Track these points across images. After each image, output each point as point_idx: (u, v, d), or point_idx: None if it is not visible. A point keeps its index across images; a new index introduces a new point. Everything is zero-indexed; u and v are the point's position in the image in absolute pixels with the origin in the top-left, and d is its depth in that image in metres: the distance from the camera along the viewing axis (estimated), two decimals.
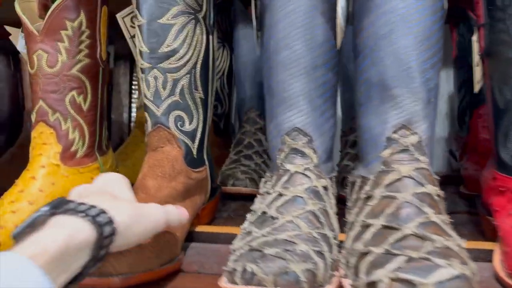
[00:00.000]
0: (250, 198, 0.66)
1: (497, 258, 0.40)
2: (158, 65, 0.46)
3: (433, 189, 0.37)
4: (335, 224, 0.40)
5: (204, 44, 0.48)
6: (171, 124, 0.47)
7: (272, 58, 0.43)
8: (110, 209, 0.30)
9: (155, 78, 0.46)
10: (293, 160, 0.42)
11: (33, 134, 0.50)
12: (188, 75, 0.47)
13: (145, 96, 0.47)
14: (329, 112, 0.44)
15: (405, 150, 0.39)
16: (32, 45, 0.49)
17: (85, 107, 0.51)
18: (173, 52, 0.46)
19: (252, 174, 0.67)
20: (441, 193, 0.38)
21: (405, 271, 0.29)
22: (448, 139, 0.79)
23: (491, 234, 0.44)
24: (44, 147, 0.49)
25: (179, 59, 0.46)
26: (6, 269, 0.22)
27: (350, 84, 0.67)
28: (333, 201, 0.42)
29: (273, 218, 0.38)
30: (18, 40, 0.55)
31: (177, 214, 0.39)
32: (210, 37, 0.50)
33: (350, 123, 0.70)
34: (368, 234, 0.36)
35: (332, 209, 0.41)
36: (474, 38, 0.44)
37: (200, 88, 0.49)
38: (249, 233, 0.38)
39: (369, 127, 0.42)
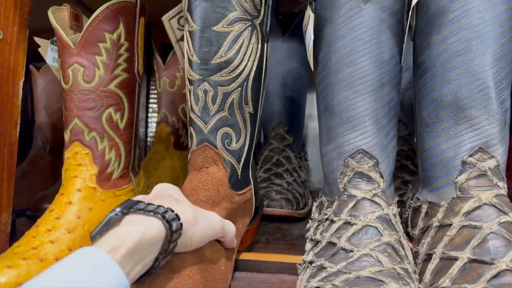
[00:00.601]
0: (285, 219, 0.63)
1: None
2: (209, 77, 0.42)
3: None
4: (411, 256, 0.37)
5: (259, 54, 0.44)
6: (218, 142, 0.43)
7: (334, 75, 0.41)
8: (175, 208, 0.32)
9: (205, 92, 0.42)
10: (359, 185, 0.39)
11: (67, 154, 0.46)
12: (240, 88, 0.43)
13: (192, 111, 0.43)
14: (393, 132, 0.42)
15: (482, 175, 0.37)
16: (67, 59, 0.45)
17: (121, 125, 0.48)
18: (226, 63, 0.42)
19: (286, 194, 0.63)
20: None
21: None
22: None
23: None
24: (79, 168, 0.45)
25: (232, 71, 0.42)
26: (86, 263, 0.25)
27: None
28: (402, 230, 0.39)
29: (345, 250, 0.35)
30: (47, 52, 0.51)
31: (233, 228, 0.40)
32: (265, 45, 0.45)
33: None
34: (454, 269, 0.33)
35: (405, 239, 0.38)
36: None
37: (250, 103, 0.44)
38: (321, 267, 0.35)
39: (438, 149, 0.39)
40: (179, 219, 0.32)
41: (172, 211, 0.31)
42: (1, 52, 0.46)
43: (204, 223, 0.36)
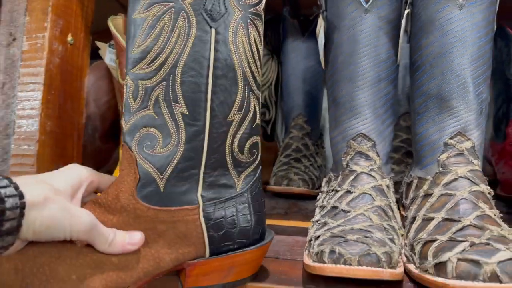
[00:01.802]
0: (301, 197, 0.73)
1: None
2: (130, 70, 0.36)
3: (486, 188, 0.43)
4: (398, 217, 0.46)
5: (192, 39, 0.35)
6: (134, 143, 0.36)
7: (339, 73, 0.50)
8: (25, 187, 0.30)
9: (127, 86, 0.36)
10: (359, 162, 0.48)
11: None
12: (164, 83, 0.35)
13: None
14: (389, 119, 0.50)
15: (460, 154, 0.45)
16: (124, 59, 0.56)
17: None
18: (144, 53, 0.35)
19: (303, 175, 0.73)
20: (491, 191, 0.44)
21: (471, 253, 0.35)
22: (484, 147, 0.84)
23: None
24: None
25: (151, 62, 0.35)
26: None
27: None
28: (394, 197, 0.48)
29: (345, 211, 0.44)
30: (105, 54, 0.62)
31: (120, 239, 0.35)
32: (212, 31, 0.36)
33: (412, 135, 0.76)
34: (431, 226, 0.41)
35: (395, 205, 0.47)
36: None
37: (182, 100, 0.36)
38: (324, 223, 0.44)
39: (426, 134, 0.48)
40: (21, 197, 0.29)
41: (17, 188, 0.29)
42: (72, 55, 0.57)
43: (57, 212, 0.31)
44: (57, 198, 0.32)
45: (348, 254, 0.37)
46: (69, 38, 0.57)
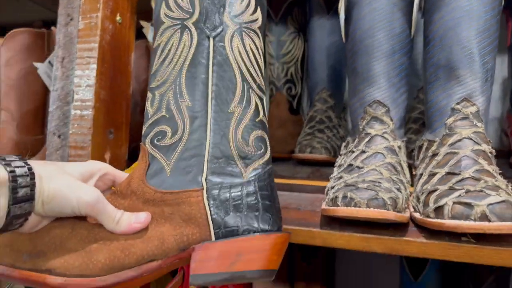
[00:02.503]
0: (323, 164, 0.79)
1: None
2: (150, 86, 0.43)
3: (487, 148, 0.48)
4: (407, 173, 0.52)
5: (193, 48, 0.42)
6: (148, 140, 0.42)
7: (357, 45, 0.55)
8: (36, 166, 0.34)
9: (147, 99, 0.43)
10: (374, 126, 0.54)
11: None
12: (173, 85, 0.42)
13: None
14: (403, 88, 0.56)
15: (465, 118, 0.50)
16: None
17: None
18: (159, 69, 0.43)
19: (325, 144, 0.79)
20: (493, 151, 0.49)
21: (465, 197, 0.41)
22: (501, 119, 0.87)
23: None
24: None
25: (163, 73, 0.43)
26: None
27: (413, 68, 0.77)
28: (405, 158, 0.54)
29: (359, 168, 0.51)
30: (148, 32, 0.69)
31: (114, 216, 0.37)
32: (210, 40, 0.43)
33: (413, 102, 0.80)
34: (435, 179, 0.47)
35: (405, 163, 0.52)
36: None
37: (186, 96, 0.42)
38: (340, 177, 0.51)
39: (436, 100, 0.53)
40: (30, 169, 0.33)
41: (26, 163, 0.33)
42: (120, 33, 0.65)
43: (63, 185, 0.35)
44: (63, 175, 0.35)
45: (358, 198, 0.43)
46: (118, 17, 0.64)
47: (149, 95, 0.43)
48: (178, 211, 0.39)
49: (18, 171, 0.32)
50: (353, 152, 0.54)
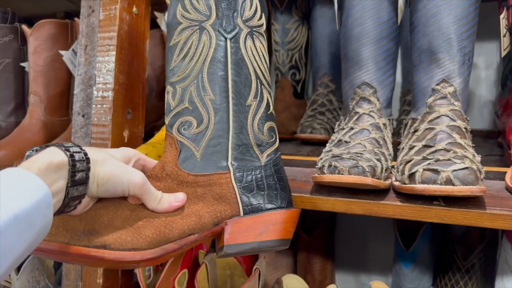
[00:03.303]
0: (323, 143, 0.85)
1: (508, 175, 0.55)
2: (169, 80, 0.48)
3: (462, 124, 0.54)
4: (390, 147, 0.58)
5: (213, 48, 0.47)
6: (174, 129, 0.46)
7: (349, 32, 0.61)
8: (90, 151, 0.37)
9: (167, 92, 0.48)
10: (362, 105, 0.60)
11: None
12: (195, 81, 0.47)
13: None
14: (390, 71, 0.61)
15: (444, 97, 0.56)
16: None
17: None
18: (179, 65, 0.47)
19: (325, 125, 0.85)
20: (468, 127, 0.54)
21: (434, 165, 0.46)
22: (495, 102, 0.92)
23: (509, 162, 0.59)
24: None
25: (184, 69, 0.47)
26: (6, 176, 0.29)
27: (409, 54, 0.82)
28: (389, 134, 0.59)
29: (346, 142, 0.57)
30: (162, 22, 0.76)
31: (156, 196, 0.41)
32: (225, 38, 0.48)
33: (408, 85, 0.85)
34: (412, 151, 0.53)
35: (388, 138, 0.58)
36: (502, 16, 0.58)
37: (209, 90, 0.47)
38: (329, 151, 0.57)
39: (419, 82, 0.58)
40: (86, 154, 0.36)
41: (82, 149, 0.36)
42: (136, 23, 0.72)
43: (115, 168, 0.38)
44: (113, 159, 0.39)
45: (341, 166, 0.49)
46: (134, 9, 0.71)
47: (169, 88, 0.48)
48: (210, 191, 0.44)
49: (77, 156, 0.35)
50: (343, 129, 0.60)
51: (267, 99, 0.50)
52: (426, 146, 0.52)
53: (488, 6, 0.80)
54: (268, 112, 0.50)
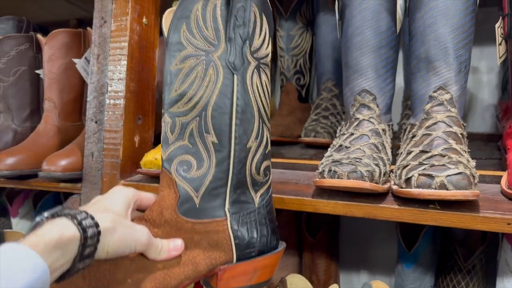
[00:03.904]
0: (327, 147, 0.87)
1: (503, 179, 0.57)
2: (168, 109, 0.45)
3: (458, 130, 0.56)
4: (389, 152, 0.60)
5: (219, 84, 0.44)
6: (173, 168, 0.44)
7: (349, 41, 0.63)
8: (97, 217, 0.36)
9: (165, 123, 0.45)
10: (362, 112, 0.62)
11: None
12: (198, 118, 0.44)
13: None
14: (389, 78, 0.63)
15: (441, 104, 0.58)
16: None
17: None
18: (181, 96, 0.44)
19: (328, 129, 0.87)
20: (465, 133, 0.56)
21: (429, 170, 0.49)
22: (497, 106, 0.93)
23: (505, 166, 0.61)
24: None
25: (187, 102, 0.44)
26: (6, 254, 0.29)
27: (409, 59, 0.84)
28: (389, 139, 0.62)
29: (346, 147, 0.59)
30: None
31: (164, 244, 0.42)
32: (235, 77, 0.45)
33: (409, 91, 0.87)
34: (409, 156, 0.55)
35: (387, 143, 0.61)
36: (497, 24, 0.60)
37: (212, 131, 0.44)
38: (330, 156, 0.59)
39: (417, 89, 0.61)
40: (97, 226, 0.35)
41: (93, 218, 0.35)
42: (146, 33, 0.75)
43: (124, 233, 0.38)
44: (122, 221, 0.39)
45: (340, 171, 0.52)
46: (144, 20, 0.75)
47: (168, 119, 0.45)
48: (206, 238, 0.45)
49: (90, 232, 0.35)
50: (344, 134, 0.63)
51: (267, 138, 0.48)
52: (423, 152, 0.54)
53: (489, 11, 0.82)
54: (266, 151, 0.49)
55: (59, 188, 0.79)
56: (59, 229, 0.33)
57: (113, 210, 0.40)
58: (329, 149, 0.65)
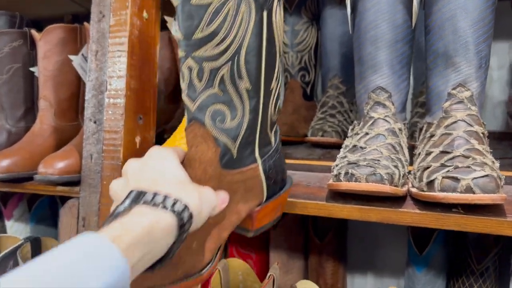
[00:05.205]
0: (334, 146, 0.84)
1: None
2: (193, 53, 0.39)
3: (479, 129, 0.53)
4: (406, 153, 0.57)
5: (252, 23, 0.39)
6: (207, 120, 0.41)
7: (363, 36, 0.60)
8: (182, 196, 0.34)
9: (189, 68, 0.40)
10: (377, 110, 0.59)
11: None
12: (230, 62, 0.39)
13: (182, 90, 0.42)
14: (405, 75, 0.60)
15: (460, 102, 0.55)
16: None
17: None
18: (210, 37, 0.38)
19: (336, 128, 0.84)
20: (486, 132, 0.53)
21: (453, 172, 0.46)
22: (508, 103, 0.91)
23: None
24: None
25: (217, 45, 0.38)
26: (84, 247, 0.26)
27: (421, 55, 0.81)
28: (405, 139, 0.59)
29: (362, 148, 0.56)
30: (172, 26, 0.76)
31: (224, 196, 0.42)
32: (264, 13, 0.40)
33: (420, 87, 0.84)
34: (430, 157, 0.52)
35: (404, 143, 0.58)
36: None
37: (246, 77, 0.40)
38: (345, 157, 0.56)
39: (435, 86, 0.58)
40: (188, 209, 0.34)
41: (180, 201, 0.33)
42: (147, 27, 0.72)
43: (206, 207, 0.38)
44: (201, 190, 0.38)
45: (358, 174, 0.49)
46: (144, 14, 0.71)
47: (193, 64, 0.39)
48: (243, 185, 0.44)
49: (184, 216, 0.34)
50: (357, 134, 0.59)
51: (281, 75, 0.47)
52: (443, 152, 0.51)
53: (499, 6, 0.79)
54: (281, 90, 0.49)
55: (56, 192, 0.76)
56: (151, 220, 0.31)
57: (181, 180, 0.37)
58: (341, 149, 0.62)
